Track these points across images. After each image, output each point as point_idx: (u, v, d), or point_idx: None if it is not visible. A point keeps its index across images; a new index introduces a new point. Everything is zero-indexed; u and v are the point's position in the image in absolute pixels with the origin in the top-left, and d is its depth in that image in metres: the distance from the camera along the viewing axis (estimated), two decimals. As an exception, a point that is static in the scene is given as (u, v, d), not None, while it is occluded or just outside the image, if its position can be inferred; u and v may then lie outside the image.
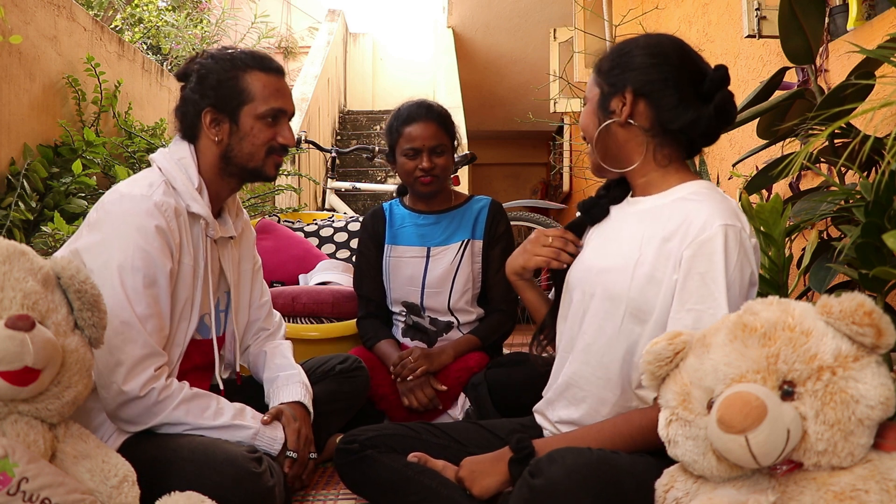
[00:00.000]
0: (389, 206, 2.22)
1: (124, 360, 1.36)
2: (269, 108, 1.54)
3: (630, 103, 1.30)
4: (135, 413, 1.39)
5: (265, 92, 1.54)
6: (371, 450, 1.43)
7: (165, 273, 1.43)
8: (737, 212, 1.24)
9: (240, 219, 1.71)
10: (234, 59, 1.55)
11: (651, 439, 1.17)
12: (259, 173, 1.58)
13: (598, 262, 1.35)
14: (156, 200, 1.44)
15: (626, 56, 1.33)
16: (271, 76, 1.56)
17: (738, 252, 1.19)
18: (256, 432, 1.48)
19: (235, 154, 1.55)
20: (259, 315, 1.79)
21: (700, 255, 1.19)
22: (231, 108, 1.53)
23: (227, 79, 1.53)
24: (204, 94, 1.53)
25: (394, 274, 2.13)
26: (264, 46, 6.38)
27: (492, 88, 7.72)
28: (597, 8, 4.36)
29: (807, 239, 1.77)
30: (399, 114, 2.08)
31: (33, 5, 2.62)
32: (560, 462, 1.10)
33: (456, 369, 2.00)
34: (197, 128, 1.55)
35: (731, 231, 1.19)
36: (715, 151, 2.94)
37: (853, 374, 0.95)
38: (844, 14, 1.99)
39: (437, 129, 2.03)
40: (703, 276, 1.19)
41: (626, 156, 1.34)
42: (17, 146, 2.50)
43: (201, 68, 1.55)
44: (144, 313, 1.39)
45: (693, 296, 1.19)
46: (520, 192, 9.32)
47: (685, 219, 1.23)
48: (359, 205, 5.37)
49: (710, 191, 1.28)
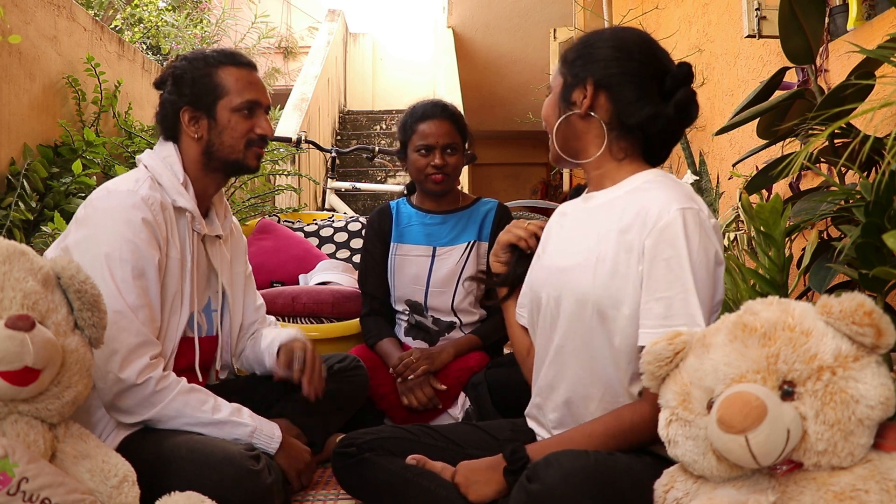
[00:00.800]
0: (397, 205, 2.23)
1: (118, 348, 1.37)
2: (243, 101, 1.58)
3: (591, 95, 1.31)
4: (132, 402, 1.40)
5: (238, 85, 1.59)
6: (369, 453, 1.42)
7: (154, 264, 1.45)
8: (691, 195, 1.24)
9: (228, 220, 1.74)
10: (207, 57, 1.61)
11: (644, 434, 1.18)
12: (241, 165, 1.62)
13: (559, 262, 1.35)
14: (142, 195, 1.47)
15: (591, 48, 1.33)
16: (243, 70, 1.61)
17: (699, 233, 1.19)
18: (254, 430, 1.48)
19: (216, 148, 1.59)
20: (255, 318, 1.81)
21: (661, 241, 1.19)
22: (207, 103, 1.57)
23: (201, 76, 1.58)
24: (181, 93, 1.58)
25: (398, 272, 2.14)
26: (264, 46, 6.39)
27: (492, 88, 7.72)
28: (597, 8, 4.36)
29: (807, 239, 1.77)
30: (414, 111, 2.11)
31: (33, 5, 2.62)
32: (557, 466, 1.10)
33: (456, 369, 2.00)
34: (177, 128, 1.59)
35: (688, 214, 1.19)
36: (715, 151, 2.94)
37: (853, 374, 0.95)
38: (844, 14, 1.99)
39: (450, 128, 2.06)
40: (668, 262, 1.19)
41: (583, 147, 1.35)
42: (17, 146, 2.50)
43: (175, 70, 1.60)
44: (135, 303, 1.41)
45: (661, 283, 1.19)
46: (520, 192, 9.32)
47: (640, 208, 1.24)
48: (359, 205, 5.37)
49: (662, 178, 1.29)
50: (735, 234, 2.18)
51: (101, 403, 1.43)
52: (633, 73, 1.29)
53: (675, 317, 1.17)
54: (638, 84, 1.29)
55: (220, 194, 1.72)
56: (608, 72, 1.30)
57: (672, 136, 1.35)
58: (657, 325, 1.19)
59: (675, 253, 1.18)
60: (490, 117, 8.21)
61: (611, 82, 1.30)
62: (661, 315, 1.18)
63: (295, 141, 3.60)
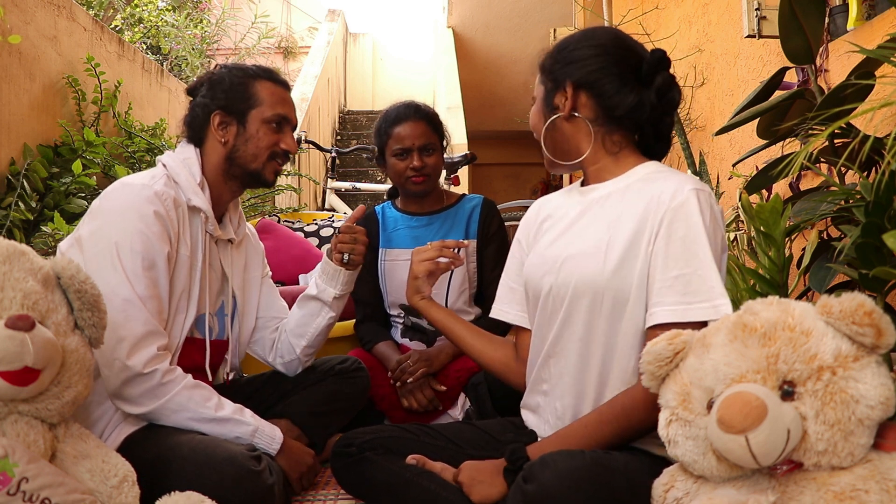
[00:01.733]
0: (382, 209, 2.22)
1: (126, 335, 1.38)
2: (275, 114, 1.63)
3: (571, 97, 1.33)
4: (137, 392, 1.40)
5: (273, 98, 1.64)
6: (369, 452, 1.42)
7: (164, 257, 1.47)
8: (701, 182, 1.27)
9: (242, 227, 1.75)
10: (246, 68, 1.67)
11: (637, 417, 1.18)
12: (259, 177, 1.64)
13: (562, 252, 1.34)
14: (156, 189, 1.50)
15: (565, 51, 1.36)
16: (279, 87, 1.67)
17: (711, 214, 1.22)
18: (255, 430, 1.48)
19: (240, 155, 1.62)
20: (278, 315, 1.80)
21: (677, 219, 1.21)
22: (240, 110, 1.62)
23: (238, 83, 1.63)
24: (215, 97, 1.62)
25: (389, 277, 2.13)
26: (264, 46, 6.39)
27: (492, 88, 7.72)
28: (597, 8, 4.36)
29: (807, 239, 1.77)
30: (387, 115, 2.10)
31: (33, 5, 2.62)
32: (552, 467, 1.10)
33: (456, 369, 2.00)
34: (205, 130, 1.63)
35: (702, 194, 1.22)
36: (715, 151, 2.94)
37: (853, 374, 0.95)
38: (844, 14, 1.99)
39: (425, 129, 2.05)
40: (684, 239, 1.20)
41: (574, 148, 1.37)
42: (17, 146, 2.50)
43: (213, 76, 1.65)
44: (144, 294, 1.42)
45: (678, 261, 1.19)
46: (520, 192, 9.31)
47: (654, 194, 1.25)
48: (359, 205, 5.37)
49: (669, 169, 1.32)
50: (735, 234, 2.18)
51: (101, 403, 1.43)
52: (608, 66, 1.32)
53: (696, 293, 1.18)
54: (616, 76, 1.31)
55: (235, 202, 1.73)
56: (584, 70, 1.33)
57: (661, 124, 1.36)
58: (677, 301, 1.18)
59: (691, 230, 1.20)
60: (490, 117, 8.21)
61: (589, 79, 1.32)
62: (680, 292, 1.18)
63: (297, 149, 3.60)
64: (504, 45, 7.05)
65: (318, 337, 1.75)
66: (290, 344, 1.75)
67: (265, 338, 1.79)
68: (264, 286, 1.81)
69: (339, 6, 8.16)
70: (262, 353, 1.80)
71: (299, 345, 1.75)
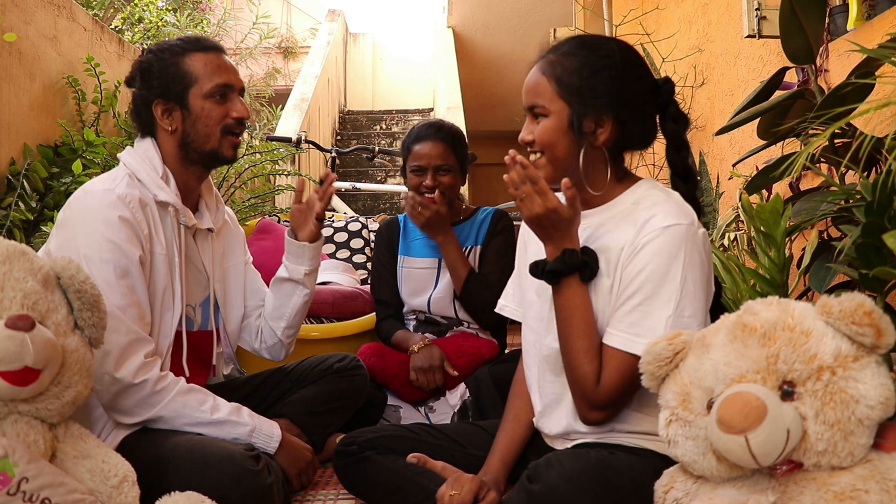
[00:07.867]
0: (404, 218, 2.28)
1: (110, 348, 1.36)
2: (214, 85, 1.54)
3: (610, 130, 1.27)
4: (130, 403, 1.39)
5: (207, 70, 1.55)
6: (370, 451, 1.42)
7: (136, 262, 1.43)
8: (681, 208, 1.24)
9: (220, 211, 1.72)
10: (172, 46, 1.57)
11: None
12: (217, 155, 1.58)
13: None
14: (118, 193, 1.45)
15: (597, 79, 1.26)
16: (210, 54, 1.57)
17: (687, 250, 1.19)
18: (253, 429, 1.48)
19: (192, 139, 1.56)
20: (257, 311, 1.79)
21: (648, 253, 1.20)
22: (178, 93, 1.54)
23: (168, 66, 1.54)
24: (150, 86, 1.55)
25: (405, 284, 2.20)
26: (265, 47, 6.39)
27: (492, 88, 7.72)
28: (597, 8, 4.35)
29: (807, 239, 1.77)
30: (411, 132, 2.17)
31: (33, 5, 2.62)
32: (558, 467, 1.11)
33: (469, 354, 2.03)
34: (152, 122, 1.57)
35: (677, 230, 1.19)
36: (715, 151, 2.94)
37: (853, 374, 0.95)
38: (844, 14, 1.99)
39: (444, 150, 2.09)
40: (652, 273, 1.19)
41: (594, 176, 1.30)
42: (17, 146, 2.50)
43: (142, 64, 1.57)
44: (122, 303, 1.40)
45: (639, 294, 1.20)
46: (520, 192, 9.29)
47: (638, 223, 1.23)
48: (359, 205, 5.37)
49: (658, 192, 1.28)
50: (735, 234, 2.18)
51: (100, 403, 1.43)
52: (638, 103, 1.29)
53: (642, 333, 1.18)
54: (641, 112, 1.30)
55: (208, 185, 1.69)
56: (621, 102, 1.26)
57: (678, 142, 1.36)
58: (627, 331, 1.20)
59: (660, 268, 1.19)
60: (490, 117, 8.21)
61: (623, 117, 1.27)
62: (633, 323, 1.19)
63: (295, 141, 3.60)
64: (504, 45, 7.05)
65: (296, 316, 1.75)
66: (271, 328, 1.75)
67: (251, 324, 1.78)
68: (248, 273, 1.79)
69: (339, 6, 8.16)
70: (249, 339, 1.79)
71: (279, 327, 1.74)
